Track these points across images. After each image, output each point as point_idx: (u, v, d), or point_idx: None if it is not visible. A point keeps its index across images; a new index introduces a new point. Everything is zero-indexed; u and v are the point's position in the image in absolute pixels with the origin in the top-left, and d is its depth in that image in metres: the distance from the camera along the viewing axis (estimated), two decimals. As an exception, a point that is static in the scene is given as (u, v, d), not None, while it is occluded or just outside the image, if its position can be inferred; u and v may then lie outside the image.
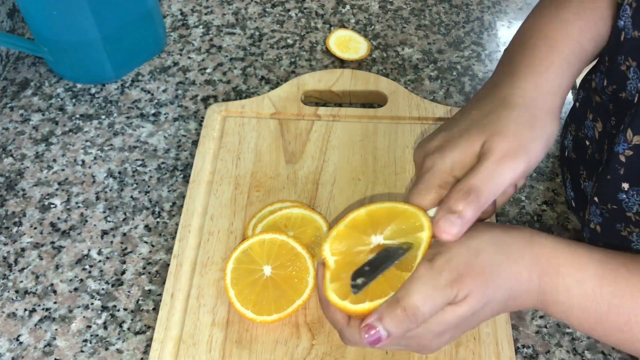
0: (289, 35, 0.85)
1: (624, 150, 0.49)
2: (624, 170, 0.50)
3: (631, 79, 0.50)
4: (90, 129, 0.74)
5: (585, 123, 0.60)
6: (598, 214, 0.54)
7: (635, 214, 0.50)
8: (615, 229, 0.53)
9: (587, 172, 0.61)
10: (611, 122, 0.55)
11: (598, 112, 0.57)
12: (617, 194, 0.51)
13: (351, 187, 0.66)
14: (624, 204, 0.51)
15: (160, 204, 0.67)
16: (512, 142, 0.45)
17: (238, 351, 0.55)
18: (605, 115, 0.56)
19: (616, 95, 0.53)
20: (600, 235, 0.55)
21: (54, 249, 0.63)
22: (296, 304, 0.55)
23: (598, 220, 0.55)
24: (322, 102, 0.76)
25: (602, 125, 0.56)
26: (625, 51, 0.51)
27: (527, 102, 0.48)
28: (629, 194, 0.50)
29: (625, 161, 0.49)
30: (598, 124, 0.57)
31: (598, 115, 0.57)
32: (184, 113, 0.75)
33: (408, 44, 0.84)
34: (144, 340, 0.57)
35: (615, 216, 0.53)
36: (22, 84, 0.78)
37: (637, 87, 0.49)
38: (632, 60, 0.50)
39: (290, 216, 0.61)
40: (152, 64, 0.81)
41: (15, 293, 0.60)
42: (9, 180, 0.69)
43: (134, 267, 0.62)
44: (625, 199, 0.51)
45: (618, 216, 0.52)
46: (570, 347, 0.57)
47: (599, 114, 0.57)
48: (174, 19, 0.87)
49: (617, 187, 0.51)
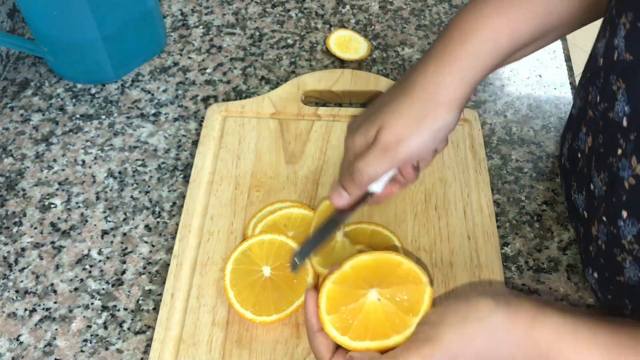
0: (289, 35, 0.85)
1: (629, 177, 0.49)
2: (625, 197, 0.49)
3: (619, 100, 0.50)
4: (91, 129, 0.74)
5: (579, 135, 0.61)
6: (605, 232, 0.54)
7: (629, 242, 0.50)
8: (612, 252, 0.53)
9: (577, 185, 0.61)
10: (599, 139, 0.55)
11: (590, 126, 0.57)
12: (616, 220, 0.51)
13: (351, 187, 0.66)
14: (620, 231, 0.51)
15: (161, 204, 0.67)
16: (396, 135, 0.50)
17: (238, 351, 0.55)
18: (596, 131, 0.56)
19: (606, 114, 0.52)
20: (603, 254, 0.55)
21: (54, 249, 0.63)
22: (295, 305, 0.55)
23: (604, 239, 0.54)
24: (322, 102, 0.76)
25: (592, 140, 0.57)
26: (616, 72, 0.50)
27: (424, 94, 0.51)
28: (626, 222, 0.50)
29: (628, 188, 0.49)
30: (589, 139, 0.58)
31: (590, 130, 0.57)
32: (184, 113, 0.75)
33: (408, 44, 0.84)
34: (144, 340, 0.57)
35: (614, 240, 0.52)
36: (23, 84, 0.78)
37: (624, 110, 0.49)
38: (622, 82, 0.49)
39: (290, 216, 0.61)
40: (152, 64, 0.81)
41: (15, 293, 0.60)
42: (9, 180, 0.69)
43: (134, 267, 0.62)
44: (622, 227, 0.50)
45: (616, 241, 0.52)
46: (570, 347, 0.57)
47: (591, 128, 0.57)
48: (174, 19, 0.87)
49: (618, 213, 0.51)
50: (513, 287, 0.61)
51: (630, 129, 0.48)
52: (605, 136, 0.53)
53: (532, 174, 0.70)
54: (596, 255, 0.57)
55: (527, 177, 0.70)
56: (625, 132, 0.49)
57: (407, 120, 0.50)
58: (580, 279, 0.62)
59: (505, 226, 0.66)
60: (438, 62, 0.51)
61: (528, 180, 0.69)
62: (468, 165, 0.68)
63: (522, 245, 0.64)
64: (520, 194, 0.68)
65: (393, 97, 0.52)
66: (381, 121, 0.51)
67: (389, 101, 0.52)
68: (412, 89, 0.51)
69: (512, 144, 0.73)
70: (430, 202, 0.65)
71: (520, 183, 0.69)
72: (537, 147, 0.73)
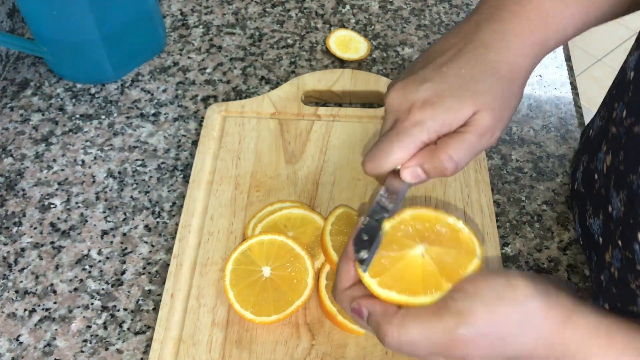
0: (289, 35, 0.85)
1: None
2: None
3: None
4: (90, 129, 0.74)
5: (598, 155, 0.58)
6: (619, 258, 0.51)
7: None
8: (626, 279, 0.50)
9: (592, 208, 0.58)
10: (619, 156, 0.52)
11: (612, 144, 0.54)
12: (633, 243, 0.48)
13: (351, 187, 0.66)
14: (636, 255, 0.47)
15: (160, 204, 0.67)
16: (494, 117, 0.46)
17: (238, 351, 0.55)
18: (617, 148, 0.53)
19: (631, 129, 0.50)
20: (616, 282, 0.52)
21: (54, 249, 0.63)
22: (295, 305, 0.55)
23: (618, 265, 0.51)
24: (322, 102, 0.76)
25: (612, 159, 0.54)
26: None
27: (509, 74, 0.48)
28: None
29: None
30: (608, 157, 0.55)
31: (610, 148, 0.54)
32: (184, 113, 0.75)
33: (408, 44, 0.84)
34: (144, 340, 0.57)
35: (628, 266, 0.49)
36: (22, 84, 0.78)
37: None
38: None
39: (290, 216, 0.61)
40: (152, 64, 0.81)
41: (15, 293, 0.60)
42: (9, 180, 0.69)
43: (134, 267, 0.62)
44: (638, 250, 0.47)
45: (631, 267, 0.49)
46: (570, 347, 0.57)
47: (612, 146, 0.54)
48: (174, 19, 0.87)
49: (635, 236, 0.47)
50: (513, 287, 0.61)
51: None
52: (627, 153, 0.51)
53: (532, 174, 0.70)
54: (608, 284, 0.53)
55: (527, 177, 0.70)
56: None
57: (501, 102, 0.47)
58: (581, 279, 0.62)
59: (505, 226, 0.66)
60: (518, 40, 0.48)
61: (528, 180, 0.69)
62: (468, 165, 0.68)
63: (522, 245, 0.64)
64: (520, 194, 0.68)
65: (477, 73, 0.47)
66: (479, 102, 0.46)
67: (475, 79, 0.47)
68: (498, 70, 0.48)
69: (512, 144, 0.73)
70: (430, 202, 0.65)
71: (520, 183, 0.69)
72: (537, 147, 0.72)
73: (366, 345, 0.55)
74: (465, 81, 0.47)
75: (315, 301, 0.57)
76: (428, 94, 0.47)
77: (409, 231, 0.47)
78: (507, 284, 0.42)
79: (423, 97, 0.47)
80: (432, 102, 0.46)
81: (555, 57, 0.83)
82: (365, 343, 0.55)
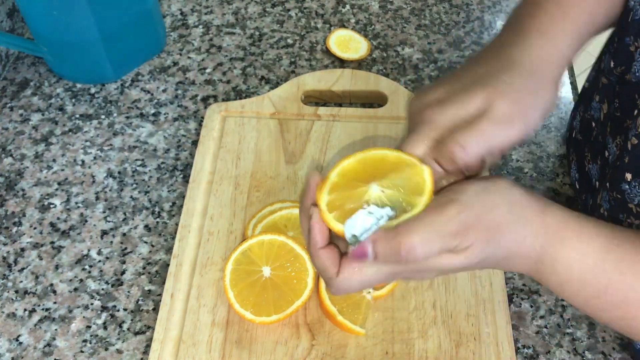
0: (289, 35, 0.85)
1: (631, 136, 0.48)
2: (628, 158, 0.49)
3: (636, 60, 0.49)
4: (90, 129, 0.74)
5: (592, 104, 0.60)
6: (607, 199, 0.54)
7: (636, 205, 0.50)
8: (618, 218, 0.53)
9: (591, 155, 0.60)
10: (615, 104, 0.54)
11: (604, 93, 0.57)
12: (620, 184, 0.50)
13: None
14: (626, 195, 0.50)
15: (160, 204, 0.67)
16: (512, 106, 0.44)
17: (238, 351, 0.55)
18: (611, 97, 0.55)
19: (622, 77, 0.52)
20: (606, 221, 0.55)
21: (54, 249, 0.63)
22: (295, 305, 0.55)
23: (607, 206, 0.54)
24: (322, 102, 0.76)
25: (607, 107, 0.56)
26: (633, 32, 0.50)
27: (534, 67, 0.47)
28: (631, 184, 0.49)
29: (631, 149, 0.49)
30: (604, 106, 0.57)
31: (605, 97, 0.57)
32: (183, 113, 0.75)
33: (408, 44, 0.84)
34: (144, 340, 0.57)
35: (618, 206, 0.52)
36: (22, 84, 0.78)
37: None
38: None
39: (290, 216, 0.61)
40: (151, 63, 0.81)
41: (15, 293, 0.60)
42: (8, 180, 0.69)
43: (134, 267, 0.62)
44: (628, 190, 0.50)
45: (621, 206, 0.52)
46: (571, 347, 0.57)
47: (606, 95, 0.56)
48: (174, 19, 0.87)
49: (622, 177, 0.50)
50: (513, 287, 0.61)
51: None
52: (622, 100, 0.53)
53: (532, 174, 0.70)
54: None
55: (527, 177, 0.70)
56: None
57: (523, 94, 0.45)
58: (581, 279, 0.62)
59: (506, 226, 0.65)
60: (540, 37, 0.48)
61: (528, 180, 0.69)
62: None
63: (522, 245, 0.64)
64: (520, 194, 0.68)
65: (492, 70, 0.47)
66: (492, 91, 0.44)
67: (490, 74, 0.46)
68: (520, 64, 0.47)
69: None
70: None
71: (521, 183, 0.69)
72: (537, 147, 0.72)
73: (366, 345, 0.55)
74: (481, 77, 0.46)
75: (315, 301, 0.57)
76: (440, 94, 0.46)
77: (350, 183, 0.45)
78: (487, 180, 0.44)
79: (435, 98, 0.46)
80: (443, 100, 0.46)
81: (556, 57, 0.83)
82: (365, 343, 0.55)
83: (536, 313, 0.59)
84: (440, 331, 0.56)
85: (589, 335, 0.58)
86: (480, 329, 0.56)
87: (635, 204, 0.50)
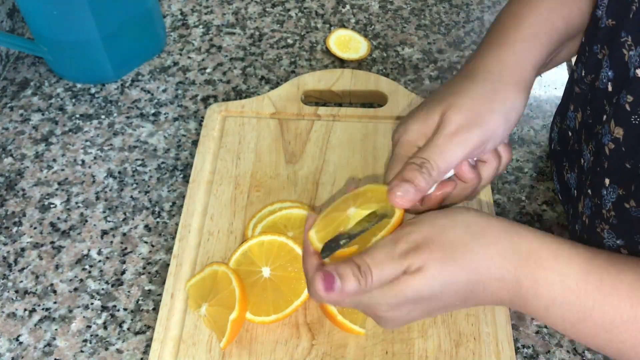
0: (289, 35, 0.85)
1: (608, 142, 0.49)
2: (607, 164, 0.50)
3: (604, 67, 0.50)
4: (90, 128, 0.74)
5: (567, 114, 0.61)
6: (589, 206, 0.54)
7: (607, 211, 0.50)
8: (594, 224, 0.53)
9: (569, 164, 0.61)
10: (587, 111, 0.55)
11: (578, 102, 0.58)
12: (600, 190, 0.51)
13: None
14: (603, 200, 0.50)
15: (160, 204, 0.67)
16: (466, 115, 0.46)
17: (238, 351, 0.55)
18: (584, 105, 0.56)
19: (593, 85, 0.53)
20: (587, 229, 0.55)
21: (54, 249, 0.63)
22: (294, 305, 0.55)
23: (588, 213, 0.54)
24: (322, 102, 0.76)
25: (581, 115, 0.57)
26: (599, 40, 0.51)
27: (490, 75, 0.49)
28: (608, 189, 0.50)
29: (609, 154, 0.49)
30: (578, 114, 0.58)
31: (578, 106, 0.58)
32: (183, 113, 0.75)
33: (408, 44, 0.84)
34: (144, 340, 0.57)
35: (596, 212, 0.52)
36: (22, 84, 0.78)
37: (608, 75, 0.49)
38: (606, 48, 0.50)
39: (290, 217, 0.61)
40: (152, 63, 0.81)
41: (15, 293, 0.60)
42: (8, 180, 0.69)
43: (134, 267, 0.62)
44: (605, 195, 0.50)
45: (598, 212, 0.52)
46: (570, 347, 0.57)
47: (579, 104, 0.57)
48: (174, 19, 0.87)
49: (601, 182, 0.51)
50: (513, 287, 0.61)
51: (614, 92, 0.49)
52: (592, 107, 0.54)
53: (532, 174, 0.70)
54: (581, 232, 0.56)
55: (527, 177, 0.70)
56: (610, 97, 0.49)
57: (477, 100, 0.47)
58: (581, 279, 0.62)
59: (506, 226, 0.66)
60: (497, 47, 0.50)
61: (528, 180, 0.69)
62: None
63: (522, 245, 0.64)
64: (520, 194, 0.68)
65: (454, 84, 0.49)
66: (446, 104, 0.47)
67: (450, 87, 0.49)
68: (476, 73, 0.49)
69: (512, 144, 0.73)
70: (431, 202, 0.65)
71: (521, 183, 0.69)
72: (537, 147, 0.72)
73: (366, 345, 0.55)
74: (439, 93, 0.49)
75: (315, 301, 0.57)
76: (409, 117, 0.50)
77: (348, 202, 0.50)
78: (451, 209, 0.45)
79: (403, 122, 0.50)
80: (405, 120, 0.49)
81: (555, 57, 0.83)
82: (365, 343, 0.55)
83: (536, 313, 0.59)
84: (440, 331, 0.56)
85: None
86: (480, 329, 0.56)
87: (606, 209, 0.50)
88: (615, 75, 0.49)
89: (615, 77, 0.49)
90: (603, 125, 0.50)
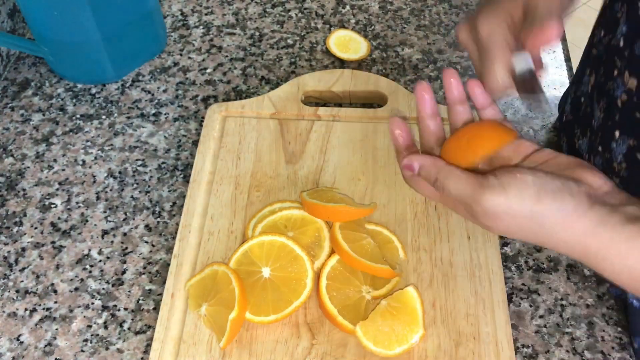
0: (289, 36, 0.85)
1: (621, 94, 0.50)
2: (618, 116, 0.50)
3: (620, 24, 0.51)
4: (91, 129, 0.74)
5: (582, 80, 0.62)
6: (600, 163, 0.54)
7: (618, 163, 0.51)
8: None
9: (580, 130, 0.62)
10: (600, 71, 0.56)
11: (594, 65, 0.59)
12: (610, 142, 0.52)
13: (351, 187, 0.66)
14: (613, 154, 0.51)
15: (161, 203, 0.67)
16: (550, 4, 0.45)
17: (238, 351, 0.55)
18: (598, 66, 0.57)
19: (609, 44, 0.54)
20: None
21: (55, 249, 0.63)
22: (294, 306, 0.55)
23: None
24: (322, 102, 0.77)
25: (595, 77, 0.58)
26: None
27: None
28: (618, 142, 0.50)
29: (621, 106, 0.50)
30: (592, 78, 0.59)
31: (593, 69, 0.59)
32: (184, 113, 0.76)
33: (408, 44, 0.84)
34: (145, 339, 0.57)
35: (606, 167, 0.53)
36: (23, 84, 0.79)
37: (622, 31, 0.50)
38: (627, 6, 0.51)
39: (290, 217, 0.61)
40: (152, 64, 0.81)
41: (15, 293, 0.60)
42: (9, 180, 0.69)
43: (135, 266, 0.62)
44: (614, 148, 0.51)
45: (609, 167, 0.53)
46: (570, 346, 0.57)
47: (594, 66, 0.58)
48: (175, 19, 0.87)
49: (612, 135, 0.51)
50: (513, 287, 0.61)
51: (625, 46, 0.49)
52: (606, 66, 0.54)
53: (531, 174, 0.70)
54: None
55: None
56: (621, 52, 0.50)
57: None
58: (580, 279, 0.62)
59: (505, 226, 0.66)
60: None
61: (528, 180, 0.69)
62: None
63: (522, 245, 0.64)
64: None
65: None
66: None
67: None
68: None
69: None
70: (430, 202, 0.65)
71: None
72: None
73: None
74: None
75: (315, 300, 0.57)
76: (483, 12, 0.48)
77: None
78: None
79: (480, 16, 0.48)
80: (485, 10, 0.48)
81: (555, 57, 0.83)
82: (365, 343, 0.55)
83: (535, 312, 0.59)
84: (440, 330, 0.56)
85: (588, 334, 0.58)
86: (480, 329, 0.56)
87: (617, 162, 0.51)
88: (629, 28, 0.50)
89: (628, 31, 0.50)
90: (615, 79, 0.51)
